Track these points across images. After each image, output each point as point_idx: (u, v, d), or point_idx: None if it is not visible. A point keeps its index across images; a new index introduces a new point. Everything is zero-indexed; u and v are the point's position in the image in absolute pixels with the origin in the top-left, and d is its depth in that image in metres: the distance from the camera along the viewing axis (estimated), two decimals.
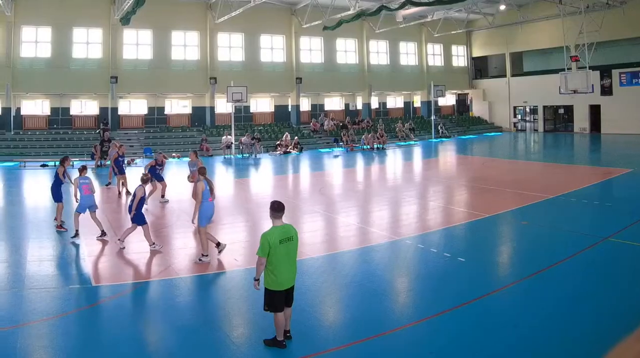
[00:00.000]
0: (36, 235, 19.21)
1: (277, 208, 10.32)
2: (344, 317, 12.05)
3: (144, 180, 17.95)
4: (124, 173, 28.16)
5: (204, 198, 16.22)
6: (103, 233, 18.58)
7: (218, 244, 16.64)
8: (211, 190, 16.63)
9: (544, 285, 13.52)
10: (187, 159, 28.03)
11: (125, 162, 33.40)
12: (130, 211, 17.26)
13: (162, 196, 26.25)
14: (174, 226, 21.07)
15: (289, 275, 10.23)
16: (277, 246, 9.97)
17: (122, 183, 28.02)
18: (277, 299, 10.15)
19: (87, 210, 18.64)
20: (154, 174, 25.62)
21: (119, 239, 17.54)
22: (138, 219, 17.24)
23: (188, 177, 25.15)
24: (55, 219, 20.26)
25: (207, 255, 16.06)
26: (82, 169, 19.31)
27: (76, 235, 18.48)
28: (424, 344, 10.49)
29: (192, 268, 15.47)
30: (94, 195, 18.99)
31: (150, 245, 17.17)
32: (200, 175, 16.87)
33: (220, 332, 11.07)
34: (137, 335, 11.12)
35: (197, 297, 13.37)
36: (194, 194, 16.94)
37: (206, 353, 10.18)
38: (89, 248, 17.45)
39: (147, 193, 18.88)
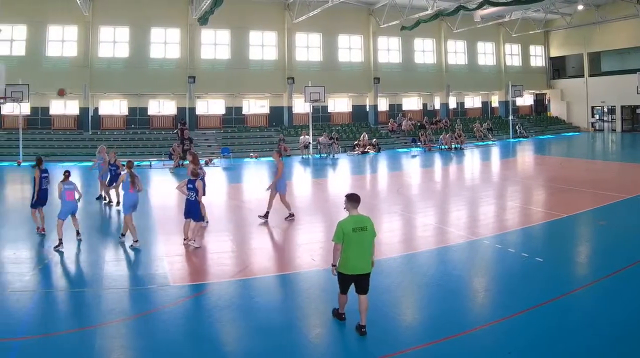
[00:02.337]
0: (113, 235, 18.59)
1: (352, 199, 10.45)
2: (422, 317, 11.69)
3: (196, 174, 17.03)
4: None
5: (124, 189, 17.12)
6: (78, 234, 17.65)
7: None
8: (132, 182, 16.88)
9: (623, 285, 12.91)
10: (269, 159, 28.34)
11: (204, 161, 33.76)
12: (190, 209, 16.79)
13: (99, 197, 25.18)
14: (251, 226, 20.05)
15: (359, 262, 10.23)
16: (351, 234, 10.09)
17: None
18: (346, 282, 10.35)
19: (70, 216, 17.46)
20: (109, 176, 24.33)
21: (185, 239, 16.93)
22: (195, 215, 16.80)
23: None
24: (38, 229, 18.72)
25: (137, 241, 16.72)
26: (66, 175, 17.60)
27: (60, 244, 16.50)
28: (502, 344, 9.99)
29: (270, 268, 15.16)
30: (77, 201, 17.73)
31: (186, 241, 16.86)
32: (127, 168, 17.57)
33: (298, 332, 10.71)
34: (214, 335, 10.66)
35: (274, 297, 12.90)
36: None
37: (284, 353, 9.77)
38: (166, 248, 16.86)
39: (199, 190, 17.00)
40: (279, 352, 9.80)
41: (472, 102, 66.66)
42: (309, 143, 46.32)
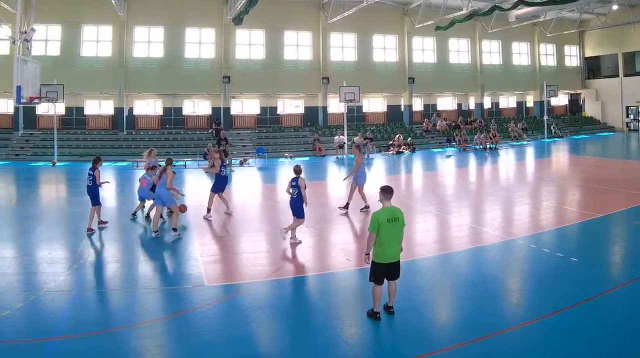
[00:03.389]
0: (148, 235, 18.16)
1: (386, 191, 10.77)
2: (457, 317, 11.30)
3: (298, 171, 17.02)
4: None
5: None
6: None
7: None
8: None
9: None
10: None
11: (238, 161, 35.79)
12: (292, 206, 16.93)
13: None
14: (286, 226, 18.20)
15: (393, 251, 10.53)
16: (385, 224, 10.38)
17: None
18: (380, 271, 10.51)
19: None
20: None
21: (285, 233, 16.89)
22: (297, 211, 16.81)
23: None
24: (101, 223, 19.00)
25: (157, 232, 17.53)
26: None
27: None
28: (536, 344, 9.67)
29: (304, 268, 14.85)
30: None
31: (289, 238, 16.78)
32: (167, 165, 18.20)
33: (333, 332, 10.40)
34: (249, 335, 10.41)
35: (308, 297, 12.71)
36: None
37: (318, 353, 9.57)
38: (201, 249, 16.50)
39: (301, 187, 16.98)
40: (314, 352, 9.65)
41: (507, 102, 64.56)
42: (344, 143, 44.86)
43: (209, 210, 20.69)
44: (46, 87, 35.70)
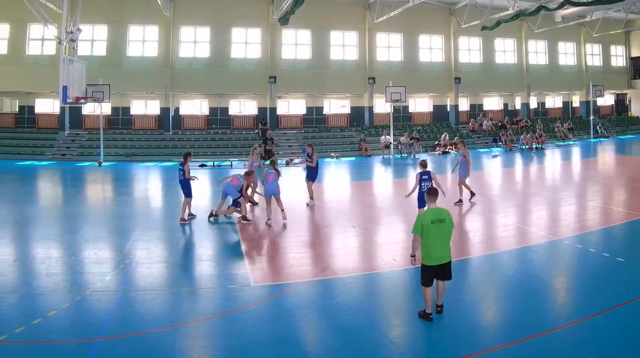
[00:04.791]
0: (195, 235, 17.96)
1: (430, 193, 10.51)
2: (503, 316, 10.84)
3: (426, 165, 17.57)
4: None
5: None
6: (282, 212, 18.82)
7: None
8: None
9: None
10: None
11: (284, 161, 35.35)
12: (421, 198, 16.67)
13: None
14: (331, 226, 19.07)
15: (440, 253, 10.09)
16: (429, 226, 9.99)
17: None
18: (429, 273, 10.08)
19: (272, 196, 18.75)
20: None
21: None
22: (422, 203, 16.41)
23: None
24: (190, 215, 19.51)
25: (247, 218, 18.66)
26: (273, 160, 20.16)
27: (268, 219, 18.51)
28: (582, 344, 9.28)
29: (350, 269, 13.99)
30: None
31: None
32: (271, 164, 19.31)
33: (379, 332, 9.96)
34: (295, 335, 9.99)
35: (354, 298, 11.88)
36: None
37: (365, 353, 9.13)
38: (248, 248, 16.07)
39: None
40: (360, 352, 9.22)
41: (553, 102, 61.75)
42: (390, 143, 43.18)
43: (311, 198, 22.10)
44: (92, 87, 34.93)
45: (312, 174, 22.56)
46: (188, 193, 19.20)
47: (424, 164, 17.49)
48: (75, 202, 24.81)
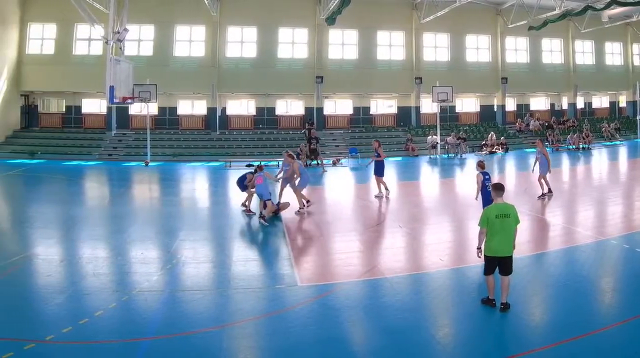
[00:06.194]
0: (242, 235, 17.49)
1: (497, 188, 10.45)
2: (550, 316, 10.25)
3: (484, 166, 16.86)
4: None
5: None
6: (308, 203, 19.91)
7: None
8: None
9: None
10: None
11: (331, 161, 35.62)
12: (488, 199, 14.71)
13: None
14: (379, 226, 18.61)
15: (502, 246, 9.97)
16: (494, 220, 9.92)
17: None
18: (491, 264, 10.07)
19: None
20: None
21: None
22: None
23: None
24: (244, 204, 19.84)
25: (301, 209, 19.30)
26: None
27: (302, 207, 19.63)
28: (629, 345, 8.88)
29: (397, 269, 13.40)
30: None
31: None
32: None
33: (425, 332, 9.60)
34: (342, 335, 9.59)
35: (401, 298, 11.32)
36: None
37: (411, 353, 8.77)
38: (295, 248, 15.49)
39: None
40: (407, 351, 8.83)
41: (600, 102, 58.90)
42: (437, 143, 41.67)
43: (386, 188, 22.37)
44: (139, 87, 33.74)
45: (380, 168, 22.49)
46: (304, 182, 20.35)
47: (482, 165, 16.83)
48: (122, 202, 24.22)
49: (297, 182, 19.88)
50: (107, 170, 34.37)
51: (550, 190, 21.61)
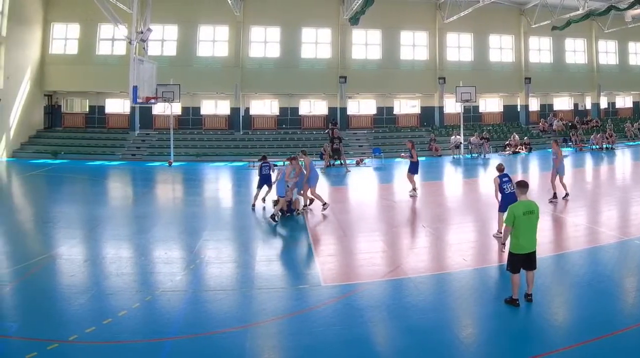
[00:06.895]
0: (266, 235, 17.26)
1: (521, 185, 10.49)
2: (573, 316, 10.20)
3: (503, 169, 16.09)
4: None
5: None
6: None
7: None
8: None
9: None
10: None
11: (355, 161, 35.56)
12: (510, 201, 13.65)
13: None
14: (402, 226, 18.42)
15: (528, 242, 10.00)
16: (521, 217, 9.94)
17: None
18: (517, 261, 10.03)
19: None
20: None
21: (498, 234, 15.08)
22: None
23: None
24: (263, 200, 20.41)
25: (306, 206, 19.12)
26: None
27: (325, 204, 19.37)
28: None
29: (420, 269, 13.13)
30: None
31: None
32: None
33: (449, 332, 9.45)
34: (366, 335, 9.46)
35: (424, 298, 11.20)
36: None
37: (435, 353, 8.73)
38: (318, 248, 15.35)
39: None
40: (430, 351, 8.75)
41: (623, 101, 57.17)
42: (460, 143, 40.75)
43: (414, 189, 22.43)
44: (162, 87, 33.26)
45: (414, 167, 22.71)
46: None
47: (501, 168, 16.16)
48: (146, 202, 24.04)
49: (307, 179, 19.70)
50: (131, 170, 33.92)
51: (555, 196, 21.08)
